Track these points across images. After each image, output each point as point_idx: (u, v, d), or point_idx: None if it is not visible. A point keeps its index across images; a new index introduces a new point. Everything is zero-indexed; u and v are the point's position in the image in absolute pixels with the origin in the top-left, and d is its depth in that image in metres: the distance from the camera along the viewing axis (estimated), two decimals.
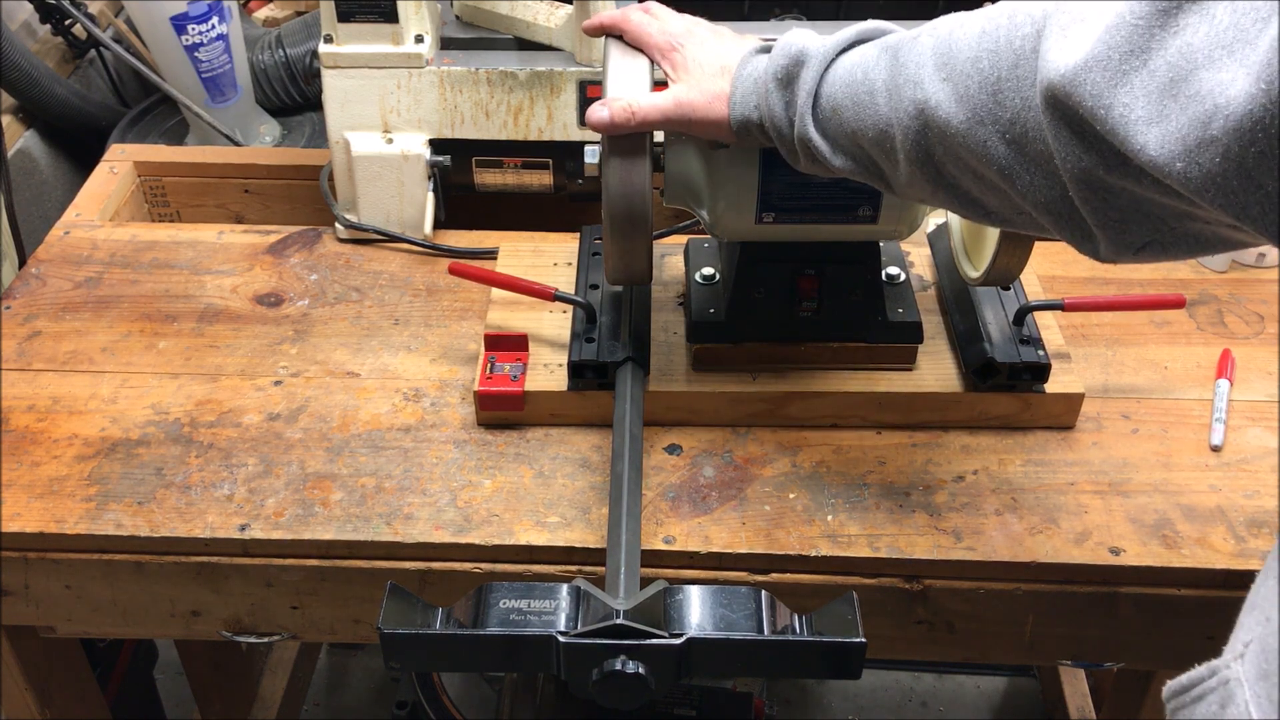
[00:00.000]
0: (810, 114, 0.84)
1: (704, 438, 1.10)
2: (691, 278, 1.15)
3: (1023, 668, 2.19)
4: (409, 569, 1.01)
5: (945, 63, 0.74)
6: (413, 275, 1.30)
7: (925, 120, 0.75)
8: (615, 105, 0.90)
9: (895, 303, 1.11)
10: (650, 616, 0.78)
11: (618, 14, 0.96)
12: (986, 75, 0.71)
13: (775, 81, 0.86)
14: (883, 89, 0.78)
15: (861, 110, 0.80)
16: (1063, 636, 1.04)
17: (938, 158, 0.76)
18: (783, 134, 0.87)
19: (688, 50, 0.93)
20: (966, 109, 0.72)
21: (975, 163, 0.73)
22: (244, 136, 1.61)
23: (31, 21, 1.74)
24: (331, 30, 1.23)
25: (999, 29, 0.71)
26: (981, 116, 0.71)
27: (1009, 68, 0.69)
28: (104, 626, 1.08)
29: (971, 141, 0.72)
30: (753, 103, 0.88)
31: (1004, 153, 0.71)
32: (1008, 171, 0.71)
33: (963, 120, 0.72)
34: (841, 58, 0.84)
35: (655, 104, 0.90)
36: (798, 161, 0.88)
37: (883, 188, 0.85)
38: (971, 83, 0.71)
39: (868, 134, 0.80)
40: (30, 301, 1.26)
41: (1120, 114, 0.60)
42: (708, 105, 0.90)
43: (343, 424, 1.11)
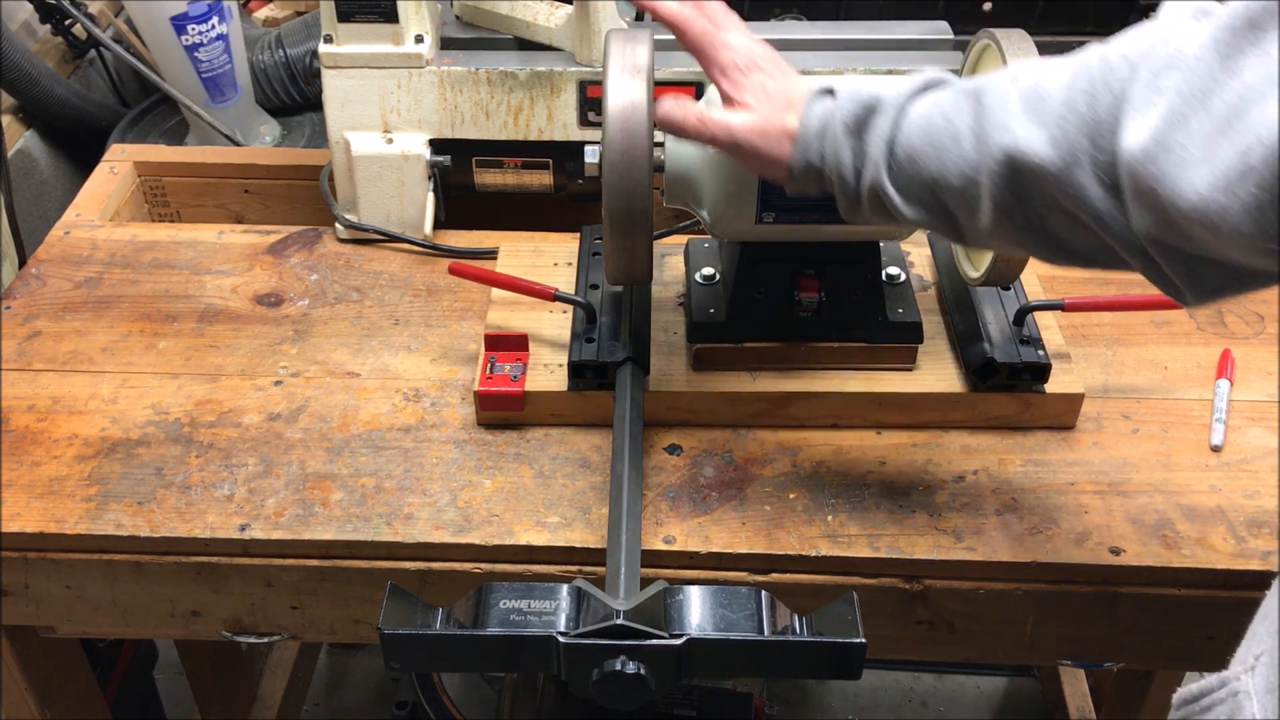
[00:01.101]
0: (885, 162, 0.81)
1: (704, 438, 1.10)
2: (691, 278, 1.15)
3: (1023, 668, 2.19)
4: (409, 569, 1.01)
5: (1036, 107, 0.73)
6: (413, 275, 1.30)
7: (1017, 165, 0.73)
8: (690, 108, 0.87)
9: (895, 303, 1.11)
10: (650, 617, 0.78)
11: (681, 12, 0.89)
12: (1083, 117, 0.70)
13: (845, 130, 0.83)
14: (968, 134, 0.76)
15: (944, 156, 0.78)
16: (1063, 636, 1.04)
17: (1028, 201, 0.75)
18: (846, 183, 0.83)
19: (755, 76, 0.87)
20: (1062, 152, 0.71)
21: (1070, 205, 0.72)
22: (244, 136, 1.61)
23: (31, 21, 1.74)
24: (331, 30, 1.23)
25: (1092, 73, 0.70)
26: (1079, 159, 0.70)
27: (1106, 110, 0.68)
28: (104, 626, 1.08)
29: (1067, 185, 0.71)
30: (818, 148, 0.84)
31: (1099, 195, 0.70)
32: (1103, 215, 0.70)
33: (1058, 164, 0.71)
34: (914, 105, 0.81)
35: (727, 122, 0.86)
36: (857, 212, 0.85)
37: (952, 236, 0.83)
38: (1069, 126, 0.70)
39: (950, 181, 0.78)
40: (30, 301, 1.26)
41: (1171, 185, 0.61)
42: (776, 142, 0.86)
43: (343, 424, 1.11)
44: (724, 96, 0.88)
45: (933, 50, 1.32)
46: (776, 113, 0.86)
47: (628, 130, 0.94)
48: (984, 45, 1.06)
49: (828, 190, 0.86)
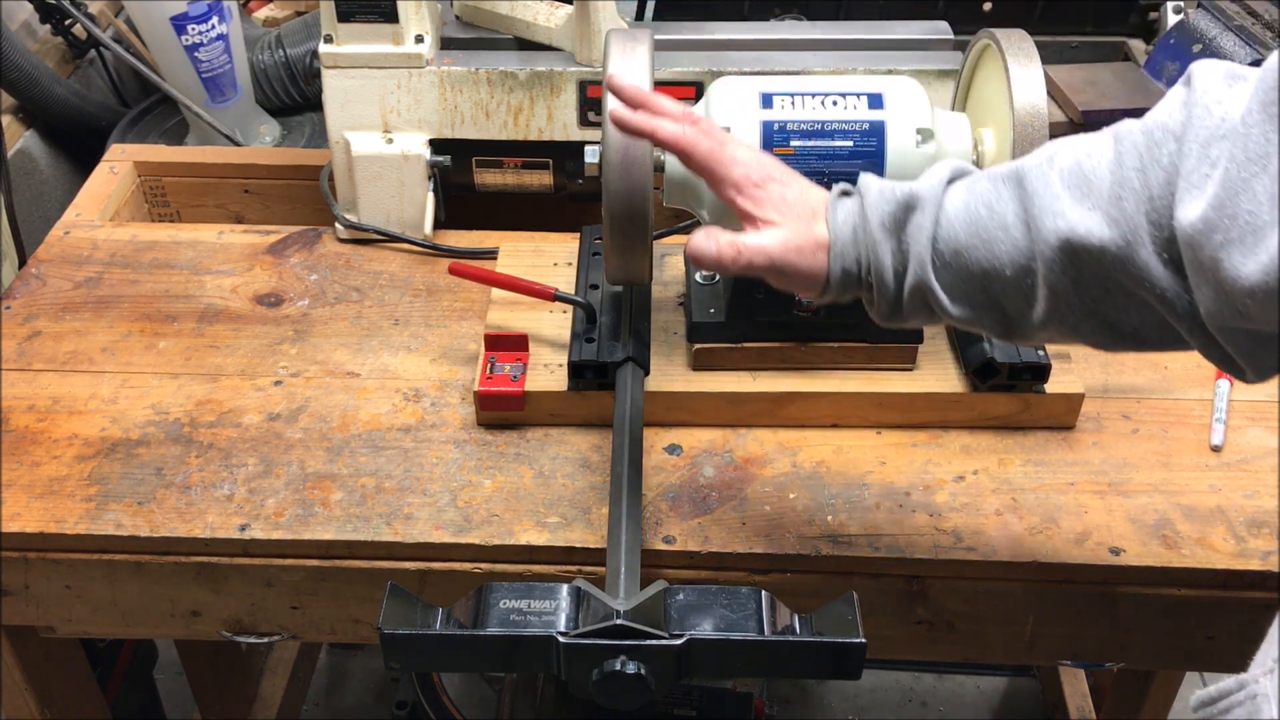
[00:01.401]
0: (930, 259, 0.77)
1: (704, 438, 1.10)
2: (691, 278, 1.15)
3: (1023, 668, 2.19)
4: (409, 569, 1.01)
5: (1084, 189, 0.71)
6: (413, 275, 1.30)
7: (1074, 249, 0.71)
8: (722, 240, 0.81)
9: None
10: (650, 617, 0.78)
11: (685, 134, 0.84)
12: (1139, 195, 0.68)
13: (883, 229, 0.79)
14: (1016, 222, 0.74)
15: (995, 247, 0.75)
16: (1063, 636, 1.04)
17: (1085, 286, 0.73)
18: (886, 286, 0.80)
19: (773, 188, 0.83)
20: (1122, 232, 0.69)
21: (1132, 285, 0.70)
22: (244, 136, 1.61)
23: (31, 21, 1.74)
24: (331, 30, 1.23)
25: (1139, 148, 0.69)
26: (1140, 238, 0.68)
27: (1160, 185, 0.67)
28: (104, 626, 1.08)
29: (1130, 265, 0.69)
30: (854, 254, 0.81)
31: (1163, 274, 0.68)
32: (1168, 293, 0.69)
33: (1120, 244, 0.69)
34: (948, 197, 0.79)
35: (761, 246, 0.81)
36: (897, 314, 0.81)
37: (1000, 332, 0.80)
38: (1126, 205, 0.69)
39: (1003, 272, 0.75)
40: (30, 301, 1.26)
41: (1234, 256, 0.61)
42: (810, 255, 0.81)
43: (343, 424, 1.11)
44: (743, 215, 0.83)
45: (933, 50, 1.32)
46: (804, 224, 0.82)
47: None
48: (984, 45, 1.06)
49: (863, 296, 0.82)
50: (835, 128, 0.98)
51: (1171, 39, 1.35)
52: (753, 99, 1.00)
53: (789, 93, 1.00)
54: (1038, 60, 0.99)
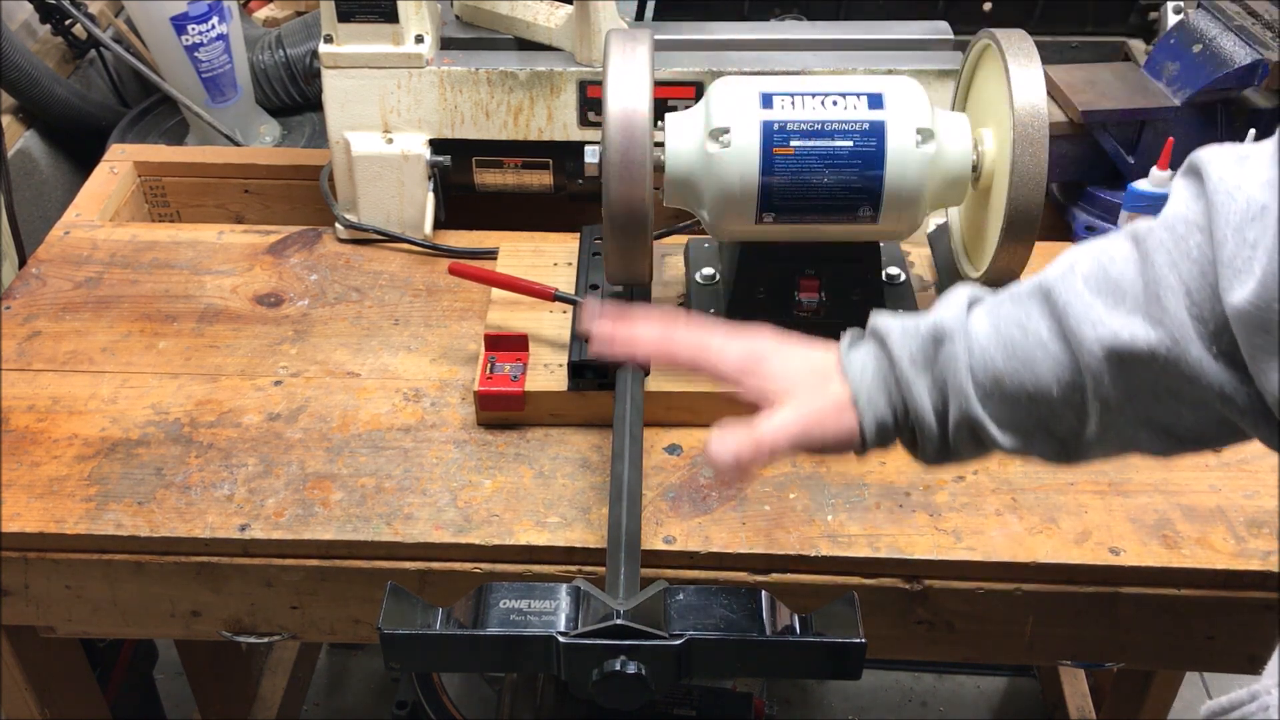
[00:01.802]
0: (971, 391, 0.74)
1: (704, 438, 1.08)
2: (691, 278, 1.15)
3: (1023, 668, 2.19)
4: (409, 569, 1.01)
5: (1118, 295, 0.69)
6: (413, 275, 1.30)
7: (1120, 357, 0.68)
8: (739, 439, 0.77)
9: (895, 303, 1.11)
10: (650, 617, 0.78)
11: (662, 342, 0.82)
12: (1177, 292, 0.66)
13: (913, 368, 0.76)
14: (1053, 339, 0.71)
15: (1036, 368, 0.72)
16: (1063, 636, 1.04)
17: (1138, 393, 0.70)
18: (928, 425, 0.76)
19: (771, 365, 0.80)
20: (1168, 332, 0.67)
21: (1185, 386, 0.68)
22: (244, 136, 1.61)
23: (31, 21, 1.74)
24: (331, 30, 1.23)
25: (1164, 244, 0.67)
26: (1188, 334, 0.66)
27: (1195, 279, 0.66)
28: (104, 626, 1.08)
29: (1181, 365, 0.67)
30: (883, 401, 0.77)
31: (1216, 369, 0.66)
32: (1226, 388, 0.66)
33: (1168, 344, 0.67)
34: (972, 324, 0.75)
35: (779, 428, 0.77)
36: (945, 453, 0.78)
37: (1057, 456, 0.76)
38: (1167, 303, 0.66)
39: (1049, 392, 0.72)
40: (30, 301, 1.26)
41: None
42: (836, 418, 0.77)
43: (343, 424, 1.11)
44: (752, 404, 0.80)
45: (933, 50, 1.32)
46: (817, 389, 0.79)
47: (628, 131, 0.94)
48: (984, 45, 1.06)
49: (903, 442, 0.79)
50: (835, 128, 0.98)
51: (1171, 39, 1.35)
52: (753, 99, 1.00)
53: (789, 93, 1.00)
54: (1038, 60, 0.99)
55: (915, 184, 0.99)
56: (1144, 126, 1.32)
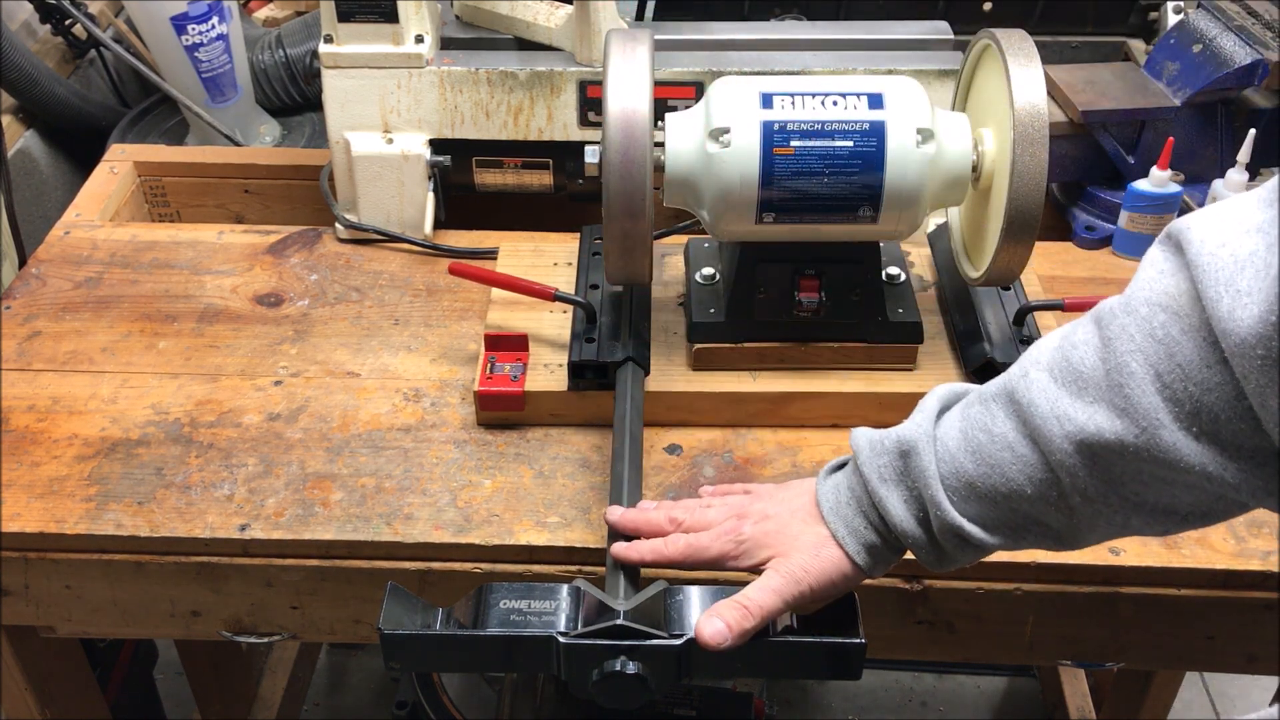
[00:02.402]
0: (945, 499, 0.74)
1: (704, 438, 1.10)
2: (691, 278, 1.15)
3: (1023, 668, 2.19)
4: (409, 569, 1.01)
5: (1079, 384, 0.68)
6: (413, 275, 1.30)
7: (1090, 449, 0.68)
8: (727, 612, 0.77)
9: (895, 303, 1.11)
10: (650, 617, 0.78)
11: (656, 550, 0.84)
12: (1142, 378, 0.65)
13: (883, 484, 0.77)
14: (1019, 439, 0.71)
15: (1005, 471, 0.72)
16: (1063, 636, 1.04)
17: (1118, 483, 0.69)
18: (915, 537, 0.77)
19: (748, 530, 0.81)
20: (1134, 420, 0.65)
21: (1164, 471, 0.66)
22: (244, 136, 1.61)
23: (31, 21, 1.74)
24: (331, 30, 1.23)
25: (1127, 329, 0.66)
26: (1158, 420, 0.65)
27: (1163, 360, 0.64)
28: (104, 626, 1.08)
29: (1156, 451, 0.65)
30: (862, 524, 0.78)
31: (1195, 450, 0.64)
32: (1209, 470, 0.64)
33: (1137, 433, 0.65)
34: (939, 430, 0.76)
35: (766, 590, 0.78)
36: (942, 558, 0.78)
37: (1054, 546, 0.76)
38: (1130, 391, 0.65)
39: (1023, 493, 0.72)
40: (30, 301, 1.26)
41: None
42: (817, 561, 0.78)
43: (343, 424, 1.11)
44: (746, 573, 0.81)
45: (933, 50, 1.32)
46: (795, 535, 0.80)
47: (628, 131, 0.94)
48: (984, 45, 1.06)
49: (902, 555, 0.80)
50: (835, 128, 0.98)
51: (1171, 39, 1.35)
52: (753, 99, 1.00)
53: (789, 93, 1.00)
54: (1038, 60, 0.99)
55: (915, 184, 0.99)
56: (1144, 126, 1.32)
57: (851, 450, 0.81)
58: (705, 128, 0.99)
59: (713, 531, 0.83)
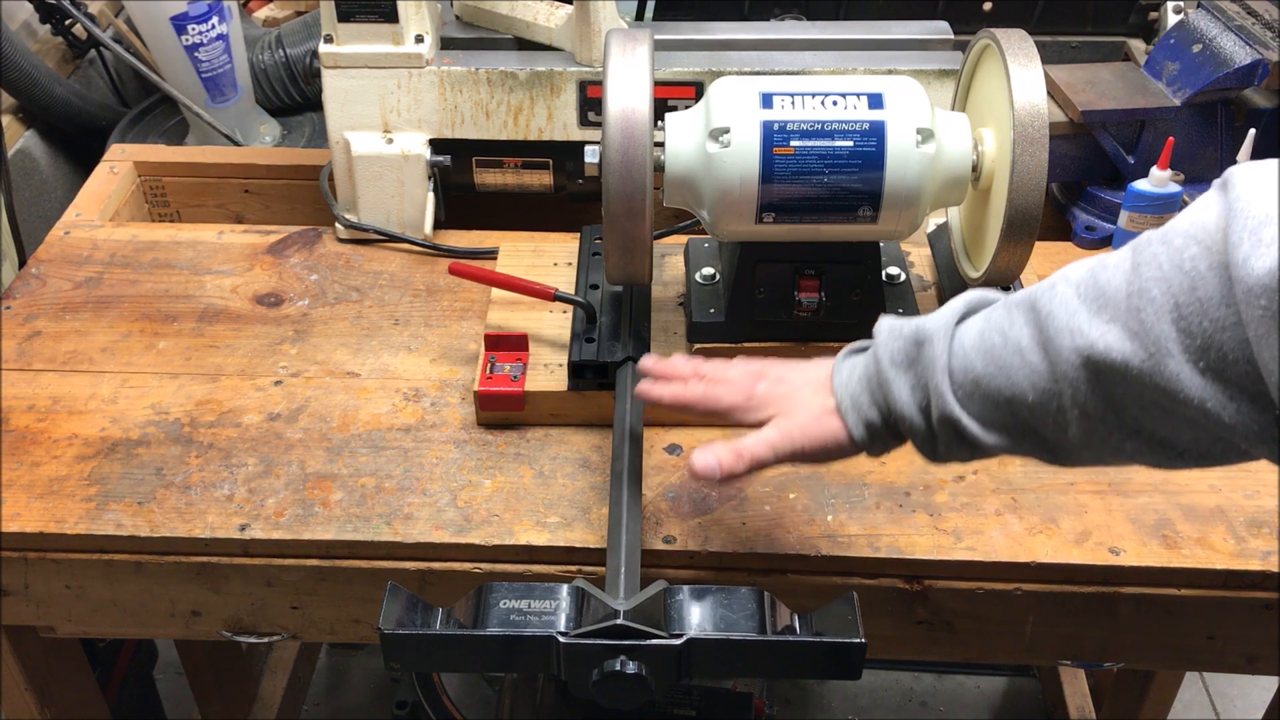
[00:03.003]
0: (949, 390, 0.76)
1: (704, 438, 1.10)
2: (691, 278, 1.15)
3: (1023, 668, 2.19)
4: (409, 569, 1.01)
5: (1100, 302, 0.69)
6: (413, 275, 1.30)
7: (1096, 367, 0.69)
8: (721, 453, 0.82)
9: (895, 303, 1.11)
10: (650, 617, 0.78)
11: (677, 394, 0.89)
12: (1160, 305, 0.66)
13: (894, 367, 0.79)
14: (1031, 345, 0.73)
15: (1011, 374, 0.73)
16: (1063, 636, 1.04)
17: (1119, 405, 0.70)
18: (914, 424, 0.79)
19: (762, 387, 0.85)
20: (1145, 345, 0.66)
21: (1165, 400, 0.67)
22: (244, 136, 1.61)
23: (31, 21, 1.74)
24: (331, 30, 1.23)
25: (1157, 257, 0.67)
26: (1167, 349, 0.65)
27: (1185, 292, 0.65)
28: (104, 626, 1.08)
29: (1160, 378, 0.66)
30: (866, 401, 0.81)
31: (1199, 384, 0.65)
32: (1208, 404, 0.65)
33: (1144, 358, 0.66)
34: (961, 328, 0.78)
35: (760, 439, 0.83)
36: (936, 450, 0.80)
37: (1046, 458, 0.77)
38: (1145, 316, 0.66)
39: (1025, 398, 0.73)
40: (30, 301, 1.26)
41: None
42: (815, 424, 0.82)
43: (343, 424, 1.11)
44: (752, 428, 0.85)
45: (933, 50, 1.32)
46: (804, 401, 0.83)
47: (628, 131, 0.94)
48: (984, 45, 1.06)
49: (901, 439, 0.82)
50: (835, 128, 0.98)
51: (1171, 39, 1.35)
52: (753, 99, 1.00)
53: (789, 93, 1.00)
54: (1038, 60, 0.99)
55: (915, 184, 0.99)
56: (1144, 126, 1.32)
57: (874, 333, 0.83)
58: (705, 128, 0.99)
59: (731, 385, 0.87)
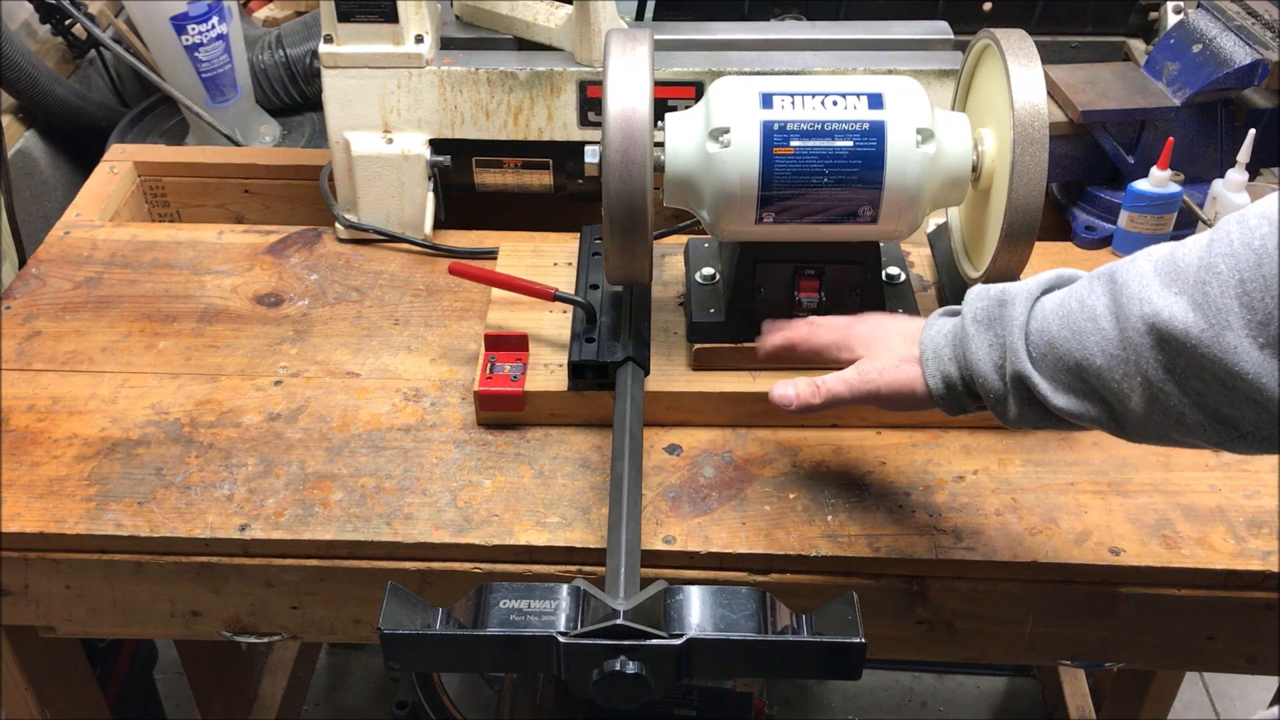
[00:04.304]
0: (1024, 349, 0.80)
1: (704, 438, 1.10)
2: (691, 278, 1.15)
3: (1023, 668, 2.19)
4: (409, 569, 1.01)
5: (1173, 275, 0.71)
6: (413, 275, 1.30)
7: (1160, 334, 0.71)
8: (800, 384, 0.91)
9: (895, 303, 1.11)
10: (650, 617, 0.78)
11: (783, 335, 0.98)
12: (1225, 280, 0.68)
13: (975, 324, 0.83)
14: (1105, 313, 0.75)
15: (1084, 339, 0.76)
16: (1063, 636, 1.04)
17: (1182, 376, 0.72)
18: (988, 381, 0.83)
19: (859, 328, 0.93)
20: (1206, 316, 0.68)
21: (1224, 374, 0.69)
22: (244, 136, 1.61)
23: (31, 21, 1.74)
24: (331, 30, 1.23)
25: (1229, 235, 0.69)
26: (1227, 321, 0.68)
27: (1251, 268, 0.67)
28: (104, 626, 1.08)
29: (1217, 349, 0.68)
30: (948, 354, 0.85)
31: (1257, 359, 0.67)
32: (1264, 380, 0.67)
33: (1204, 328, 0.69)
34: (1046, 296, 0.82)
35: (839, 376, 0.90)
36: (1007, 409, 0.83)
37: (1112, 427, 0.79)
38: (1210, 289, 0.68)
39: (1094, 363, 0.76)
40: (30, 301, 1.26)
41: None
42: (895, 369, 0.88)
43: (343, 424, 1.11)
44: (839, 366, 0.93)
45: (933, 50, 1.32)
46: (891, 349, 0.89)
47: (628, 131, 0.94)
48: (984, 45, 1.06)
49: (975, 399, 0.86)
50: (835, 128, 0.98)
51: (1171, 39, 1.35)
52: (753, 99, 1.00)
53: (789, 93, 1.00)
54: (1038, 60, 0.99)
55: (915, 184, 0.99)
56: (1144, 126, 1.32)
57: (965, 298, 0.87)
58: (705, 128, 0.99)
59: (831, 326, 0.96)
